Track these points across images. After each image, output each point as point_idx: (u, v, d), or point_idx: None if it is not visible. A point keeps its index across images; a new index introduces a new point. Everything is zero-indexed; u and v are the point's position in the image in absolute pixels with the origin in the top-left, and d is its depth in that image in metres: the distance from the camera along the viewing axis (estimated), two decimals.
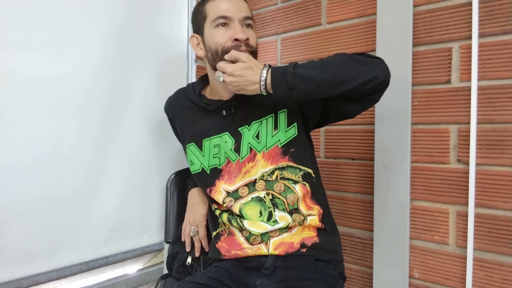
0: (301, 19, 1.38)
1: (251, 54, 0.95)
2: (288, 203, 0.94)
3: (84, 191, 1.13)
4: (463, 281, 1.05)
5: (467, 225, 1.04)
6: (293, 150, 0.96)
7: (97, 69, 1.14)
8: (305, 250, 0.92)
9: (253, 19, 1.00)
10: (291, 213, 0.94)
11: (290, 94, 0.83)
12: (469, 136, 1.03)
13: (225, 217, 0.97)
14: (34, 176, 1.02)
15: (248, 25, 0.98)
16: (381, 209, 1.16)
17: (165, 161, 1.34)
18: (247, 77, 0.86)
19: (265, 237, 0.94)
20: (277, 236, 0.94)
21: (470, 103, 1.03)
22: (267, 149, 0.96)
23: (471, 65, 1.02)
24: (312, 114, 0.99)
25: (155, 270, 1.35)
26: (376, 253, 1.17)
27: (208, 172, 1.01)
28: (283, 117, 0.97)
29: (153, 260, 1.37)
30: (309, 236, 0.94)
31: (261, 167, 0.96)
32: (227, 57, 0.92)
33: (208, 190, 1.01)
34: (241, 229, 0.95)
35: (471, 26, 1.02)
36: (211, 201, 1.02)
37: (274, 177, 0.96)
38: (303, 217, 0.94)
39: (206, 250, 1.07)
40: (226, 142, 0.99)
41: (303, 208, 0.95)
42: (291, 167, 0.96)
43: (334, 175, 1.31)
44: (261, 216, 0.94)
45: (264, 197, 0.95)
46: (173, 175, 1.21)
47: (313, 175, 0.98)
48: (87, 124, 1.12)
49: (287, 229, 0.94)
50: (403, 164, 1.12)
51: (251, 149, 0.97)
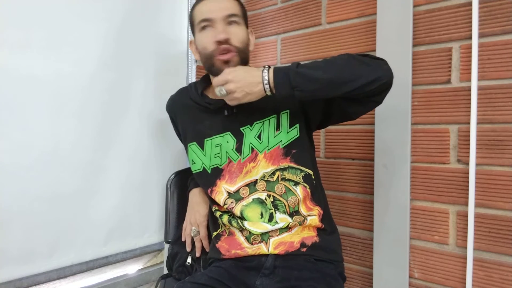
0: (301, 19, 1.38)
1: (236, 55, 0.94)
2: (289, 206, 0.94)
3: (84, 190, 1.13)
4: (463, 281, 1.05)
5: (467, 225, 1.04)
6: (294, 151, 0.96)
7: (97, 69, 1.14)
8: (305, 249, 0.92)
9: (239, 15, 0.96)
10: (291, 215, 0.94)
11: (293, 93, 0.83)
12: (469, 136, 1.03)
13: (225, 218, 0.97)
14: (34, 176, 1.02)
15: (232, 22, 0.95)
16: (381, 209, 1.16)
17: (165, 161, 1.34)
18: (249, 78, 0.86)
19: (265, 236, 0.94)
20: (277, 235, 0.94)
21: (470, 103, 1.03)
22: (268, 149, 0.96)
23: (471, 65, 1.02)
24: (314, 115, 0.99)
25: (155, 270, 1.35)
26: (376, 253, 1.17)
27: (209, 171, 1.01)
28: (285, 118, 0.97)
29: (153, 260, 1.37)
30: (309, 235, 0.94)
31: (262, 168, 0.96)
32: (214, 83, 0.90)
33: (209, 190, 1.01)
34: (241, 229, 0.95)
35: (471, 26, 1.02)
36: (211, 202, 1.03)
37: (275, 178, 0.96)
38: (303, 218, 0.94)
39: (207, 250, 1.07)
40: (227, 142, 0.99)
41: (303, 210, 0.95)
42: (292, 168, 0.96)
43: (334, 175, 1.31)
44: (262, 218, 0.94)
45: (265, 199, 0.95)
46: (173, 175, 1.21)
47: (313, 176, 0.98)
48: (87, 124, 1.12)
49: (287, 229, 0.94)
50: (403, 164, 1.12)
51: (252, 149, 0.97)
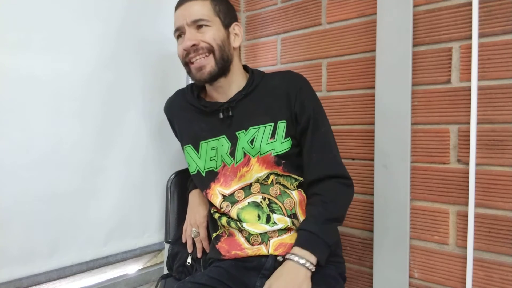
0: (301, 19, 1.38)
1: (209, 57, 0.94)
2: (285, 208, 0.94)
3: (84, 190, 1.12)
4: (463, 281, 1.05)
5: (467, 225, 1.04)
6: (287, 161, 0.96)
7: (96, 69, 1.14)
8: None
9: (207, 17, 0.94)
10: (289, 217, 0.94)
11: (329, 247, 0.89)
12: (469, 136, 1.03)
13: (224, 220, 0.97)
14: (34, 176, 1.02)
15: (202, 26, 0.94)
16: (381, 209, 1.16)
17: (165, 161, 1.34)
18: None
19: (265, 237, 0.94)
20: (277, 237, 0.94)
21: (470, 103, 1.03)
22: (261, 155, 0.96)
23: (471, 65, 1.02)
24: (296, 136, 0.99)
25: (155, 270, 1.35)
26: (376, 253, 1.17)
27: (204, 174, 1.01)
28: (282, 127, 0.96)
29: (153, 260, 1.37)
30: None
31: (255, 172, 0.96)
32: None
33: (204, 193, 1.01)
34: (240, 230, 0.95)
35: (471, 26, 1.02)
36: (210, 204, 1.03)
37: (270, 181, 0.96)
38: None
39: (207, 251, 1.07)
40: (222, 145, 0.98)
41: (300, 215, 0.96)
42: (286, 176, 0.97)
43: None
44: (259, 220, 0.94)
45: (261, 202, 0.95)
46: (174, 175, 1.21)
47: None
48: (87, 124, 1.12)
49: (286, 230, 0.94)
50: (403, 164, 1.12)
51: (245, 154, 0.96)
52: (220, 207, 0.97)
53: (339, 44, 1.28)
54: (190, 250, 1.09)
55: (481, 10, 1.01)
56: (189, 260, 1.08)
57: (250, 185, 0.96)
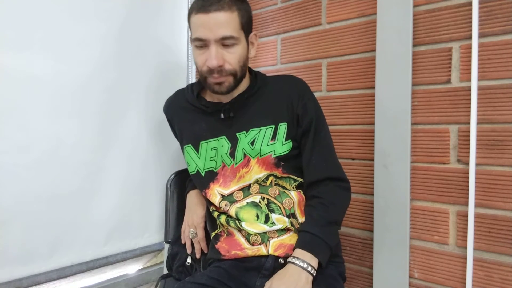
0: (301, 19, 1.38)
1: (230, 76, 0.92)
2: (284, 208, 0.95)
3: (84, 191, 1.13)
4: (463, 281, 1.05)
5: (467, 225, 1.04)
6: (286, 163, 0.97)
7: (97, 69, 1.14)
8: None
9: (236, 35, 0.90)
10: (288, 217, 0.94)
11: (330, 250, 0.91)
12: (469, 136, 1.03)
13: (223, 219, 0.98)
14: (34, 176, 1.02)
15: (228, 44, 0.90)
16: (381, 209, 1.16)
17: (165, 161, 1.34)
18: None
19: (264, 238, 0.94)
20: (276, 237, 0.94)
21: (470, 103, 1.03)
22: (261, 156, 0.96)
23: (471, 65, 1.02)
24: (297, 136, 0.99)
25: (155, 270, 1.35)
26: (376, 253, 1.17)
27: (203, 174, 1.01)
28: (283, 129, 0.96)
29: (153, 260, 1.37)
30: None
31: (255, 173, 0.96)
32: None
33: (203, 193, 1.01)
34: (240, 230, 0.95)
35: (471, 26, 1.02)
36: (208, 203, 1.03)
37: (269, 182, 0.96)
38: (299, 224, 0.95)
39: (205, 252, 1.07)
40: (222, 146, 0.98)
41: (299, 215, 0.96)
42: (285, 177, 0.97)
43: None
44: (258, 219, 0.94)
45: (259, 201, 0.95)
46: (173, 175, 1.21)
47: None
48: (87, 124, 1.13)
49: (285, 230, 0.94)
50: (403, 164, 1.12)
51: (245, 155, 0.96)
52: (219, 206, 0.97)
53: (339, 44, 1.28)
54: (189, 251, 1.09)
55: (481, 10, 1.01)
56: (188, 260, 1.08)
57: (249, 186, 0.96)
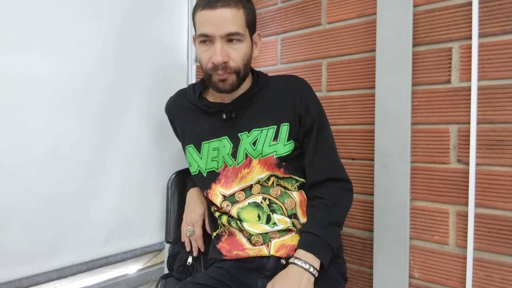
0: (301, 19, 1.38)
1: (233, 74, 0.92)
2: (286, 208, 0.95)
3: (84, 191, 1.13)
4: (463, 281, 1.05)
5: (467, 225, 1.04)
6: (288, 163, 0.97)
7: (97, 69, 1.14)
8: None
9: (241, 31, 0.91)
10: (290, 217, 0.94)
11: (332, 251, 0.91)
12: (469, 136, 1.03)
13: (224, 219, 0.97)
14: (34, 176, 1.02)
15: (234, 40, 0.90)
16: (381, 209, 1.16)
17: (165, 161, 1.34)
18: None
19: (266, 238, 0.94)
20: (278, 238, 0.94)
21: (470, 103, 1.03)
22: (263, 156, 0.96)
23: (471, 65, 1.02)
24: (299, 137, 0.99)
25: (155, 270, 1.35)
26: (376, 253, 1.17)
27: (205, 175, 1.01)
28: (285, 130, 0.96)
29: (153, 260, 1.37)
30: None
31: (256, 174, 0.96)
32: None
33: (205, 193, 1.01)
34: (241, 230, 0.95)
35: (471, 26, 1.02)
36: (210, 203, 1.03)
37: (270, 183, 0.96)
38: (300, 225, 0.95)
39: (202, 250, 1.07)
40: (224, 146, 0.98)
41: (300, 215, 0.96)
42: (287, 178, 0.97)
43: None
44: (259, 220, 0.94)
45: (261, 202, 0.95)
46: (174, 175, 1.21)
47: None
48: (87, 124, 1.12)
49: (287, 231, 0.94)
50: (403, 164, 1.12)
51: (246, 155, 0.96)
52: (221, 206, 0.97)
53: (339, 44, 1.28)
54: (188, 249, 1.09)
55: (481, 10, 1.01)
56: (189, 260, 1.09)
57: (251, 186, 0.96)
